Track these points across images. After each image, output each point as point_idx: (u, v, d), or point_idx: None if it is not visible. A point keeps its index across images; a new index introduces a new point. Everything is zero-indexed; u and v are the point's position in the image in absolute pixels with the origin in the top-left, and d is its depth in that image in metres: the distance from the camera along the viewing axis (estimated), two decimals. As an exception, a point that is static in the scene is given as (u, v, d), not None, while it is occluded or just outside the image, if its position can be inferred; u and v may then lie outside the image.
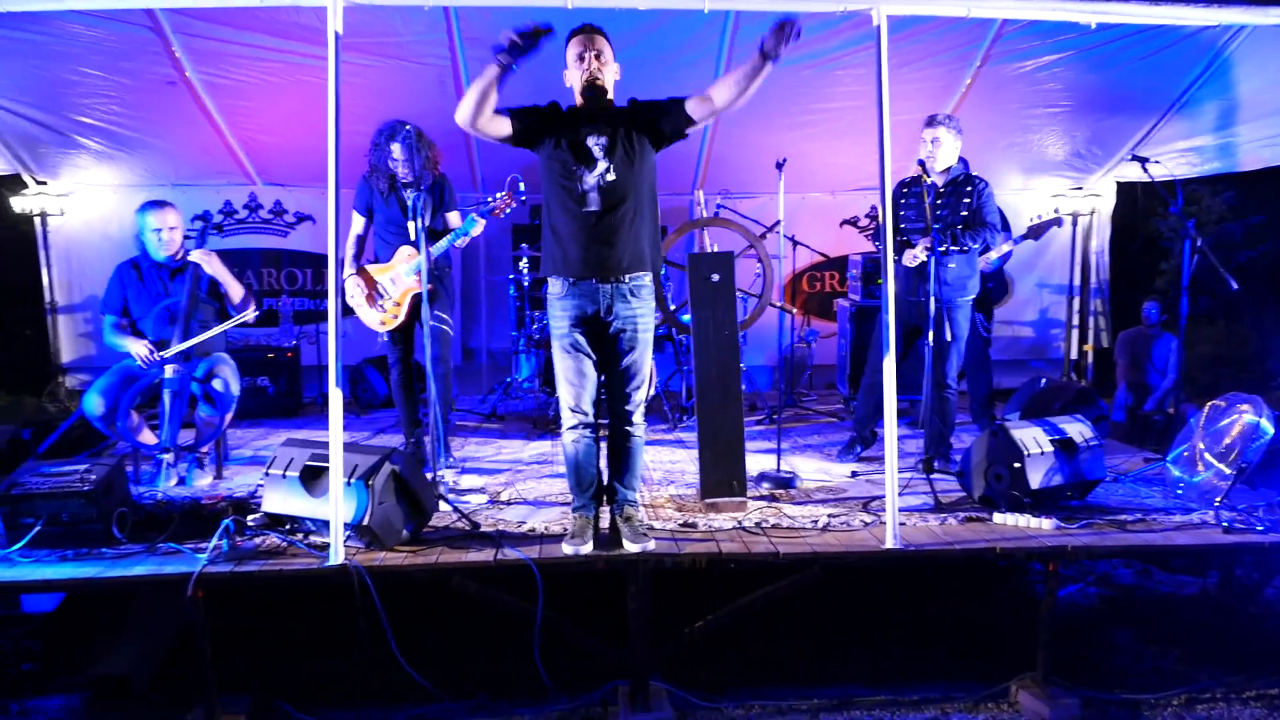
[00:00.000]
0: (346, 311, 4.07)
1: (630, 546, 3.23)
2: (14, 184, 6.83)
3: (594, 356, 3.29)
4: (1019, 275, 7.50)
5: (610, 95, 3.27)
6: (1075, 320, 7.55)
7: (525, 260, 6.17)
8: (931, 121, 4.32)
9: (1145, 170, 4.29)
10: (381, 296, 4.47)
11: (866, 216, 7.58)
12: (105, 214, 7.08)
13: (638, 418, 3.36)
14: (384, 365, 6.66)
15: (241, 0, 3.37)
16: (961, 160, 4.57)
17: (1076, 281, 7.54)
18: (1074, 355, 7.59)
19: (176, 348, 4.08)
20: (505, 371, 6.82)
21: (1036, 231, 4.96)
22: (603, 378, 3.36)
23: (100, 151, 6.56)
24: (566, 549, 3.23)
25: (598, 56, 3.19)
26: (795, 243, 6.38)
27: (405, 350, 4.62)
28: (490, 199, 4.44)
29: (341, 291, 4.18)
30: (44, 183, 6.86)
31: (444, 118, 6.53)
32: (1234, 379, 7.04)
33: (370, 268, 4.53)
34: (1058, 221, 5.04)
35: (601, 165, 3.16)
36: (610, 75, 3.24)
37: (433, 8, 5.09)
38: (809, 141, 6.73)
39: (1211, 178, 7.49)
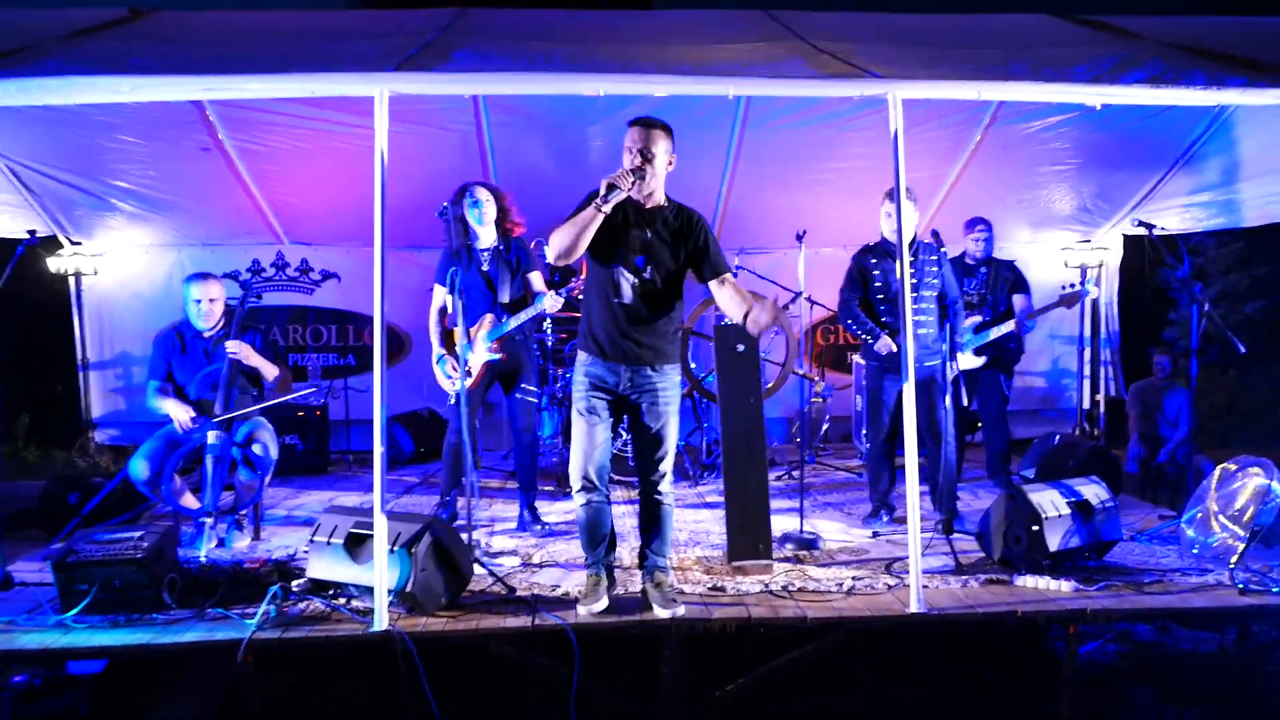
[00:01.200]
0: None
1: (661, 612, 3.34)
2: (49, 245, 7.04)
3: (609, 422, 3.45)
4: (1027, 329, 7.63)
5: (659, 187, 3.40)
6: (1087, 371, 7.66)
7: (549, 322, 6.32)
8: (892, 194, 4.49)
9: (1151, 235, 4.43)
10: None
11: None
12: (137, 272, 7.28)
13: (665, 486, 3.49)
14: (411, 422, 6.84)
15: (291, 91, 3.52)
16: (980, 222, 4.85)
17: (1087, 333, 7.66)
18: (1086, 405, 7.69)
19: (223, 417, 4.22)
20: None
21: (1069, 301, 5.17)
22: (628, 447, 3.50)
23: (133, 213, 6.75)
24: (581, 609, 3.37)
25: (642, 154, 3.30)
26: (812, 302, 6.53)
27: (468, 419, 4.64)
28: (573, 281, 4.55)
29: (384, 376, 4.05)
30: (78, 243, 7.07)
31: (468, 177, 6.80)
32: (1246, 429, 7.14)
33: (446, 334, 4.63)
34: (1085, 293, 5.23)
35: (643, 268, 3.34)
36: (661, 171, 3.36)
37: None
38: (823, 199, 6.91)
39: (1218, 231, 7.64)
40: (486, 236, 4.59)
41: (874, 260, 4.64)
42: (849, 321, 4.74)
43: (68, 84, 3.39)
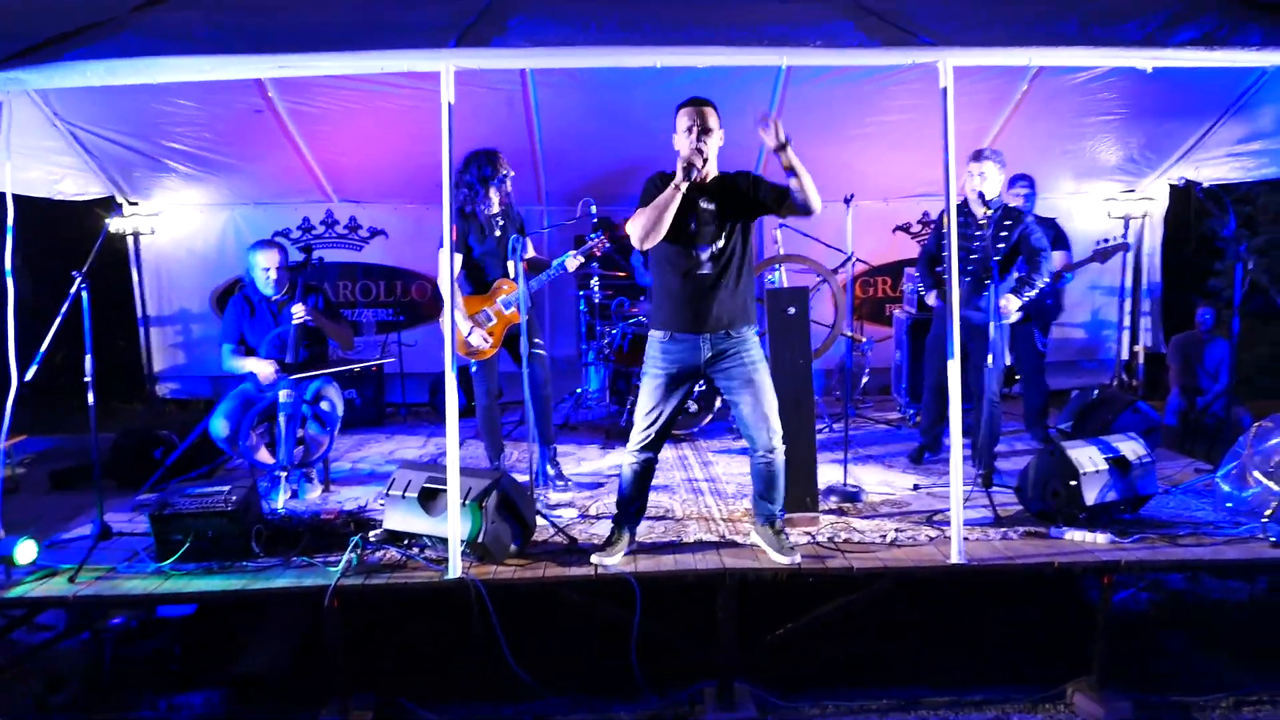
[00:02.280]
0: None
1: (778, 558, 3.55)
2: (108, 205, 7.27)
3: (682, 395, 3.61)
4: (1072, 277, 7.64)
5: (713, 163, 3.54)
6: (1127, 322, 7.68)
7: (596, 279, 6.46)
8: (979, 156, 4.57)
9: (1197, 191, 4.46)
10: (477, 327, 4.69)
11: (919, 223, 7.78)
12: (192, 231, 7.53)
13: (777, 442, 3.61)
14: (463, 376, 7.05)
15: (361, 67, 3.65)
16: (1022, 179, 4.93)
17: (1128, 283, 7.66)
18: (1125, 357, 7.73)
19: (300, 375, 4.46)
20: (569, 378, 7.16)
21: (1104, 255, 5.19)
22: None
23: (189, 174, 6.95)
24: (594, 558, 3.59)
25: (704, 130, 3.45)
26: (854, 260, 6.62)
27: (494, 381, 4.82)
28: (590, 239, 4.70)
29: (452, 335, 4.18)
30: (135, 204, 7.30)
31: (513, 136, 6.94)
32: (1287, 382, 7.16)
33: (467, 299, 4.74)
34: (1125, 247, 5.24)
35: (715, 237, 3.48)
36: (715, 146, 3.51)
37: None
38: (865, 151, 6.93)
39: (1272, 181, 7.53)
40: (495, 202, 4.67)
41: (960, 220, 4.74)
42: (919, 273, 5.13)
43: (155, 64, 3.56)
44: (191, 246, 7.55)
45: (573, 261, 4.66)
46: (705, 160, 3.42)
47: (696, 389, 4.68)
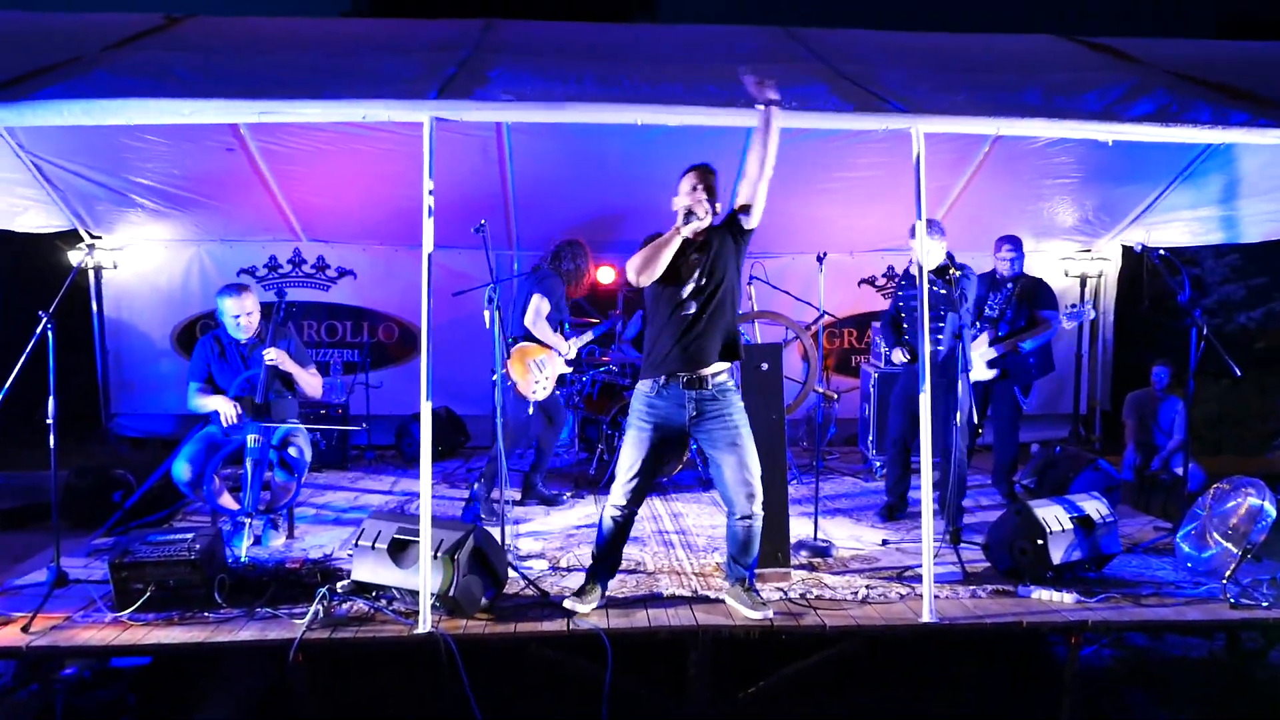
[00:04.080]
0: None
1: (752, 614, 3.56)
2: (70, 239, 7.15)
3: (665, 452, 3.62)
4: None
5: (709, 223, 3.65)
6: (1085, 378, 7.88)
7: (565, 325, 6.48)
8: (912, 231, 4.72)
9: (1153, 258, 4.61)
10: (540, 370, 5.15)
11: (884, 276, 7.93)
12: (156, 267, 7.42)
13: (756, 507, 3.62)
14: (432, 420, 6.98)
15: (344, 115, 3.66)
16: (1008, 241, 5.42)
17: (1085, 340, 7.87)
18: (1082, 411, 7.92)
19: (271, 425, 4.42)
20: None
21: (1074, 320, 5.39)
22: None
23: (155, 210, 6.86)
24: (567, 603, 3.60)
25: (709, 190, 3.61)
26: (824, 314, 6.72)
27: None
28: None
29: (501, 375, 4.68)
30: (98, 237, 7.18)
31: (485, 181, 6.96)
32: (1238, 437, 7.36)
33: (533, 346, 5.17)
34: (1082, 315, 5.46)
35: (700, 276, 3.58)
36: (715, 207, 3.65)
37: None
38: (830, 205, 7.08)
39: (1216, 245, 7.85)
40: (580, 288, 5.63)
41: (904, 284, 4.96)
42: (881, 337, 5.38)
43: (133, 105, 3.53)
44: (155, 282, 7.44)
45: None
46: (707, 213, 3.54)
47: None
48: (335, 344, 7.66)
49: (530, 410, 5.16)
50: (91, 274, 7.30)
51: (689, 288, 3.57)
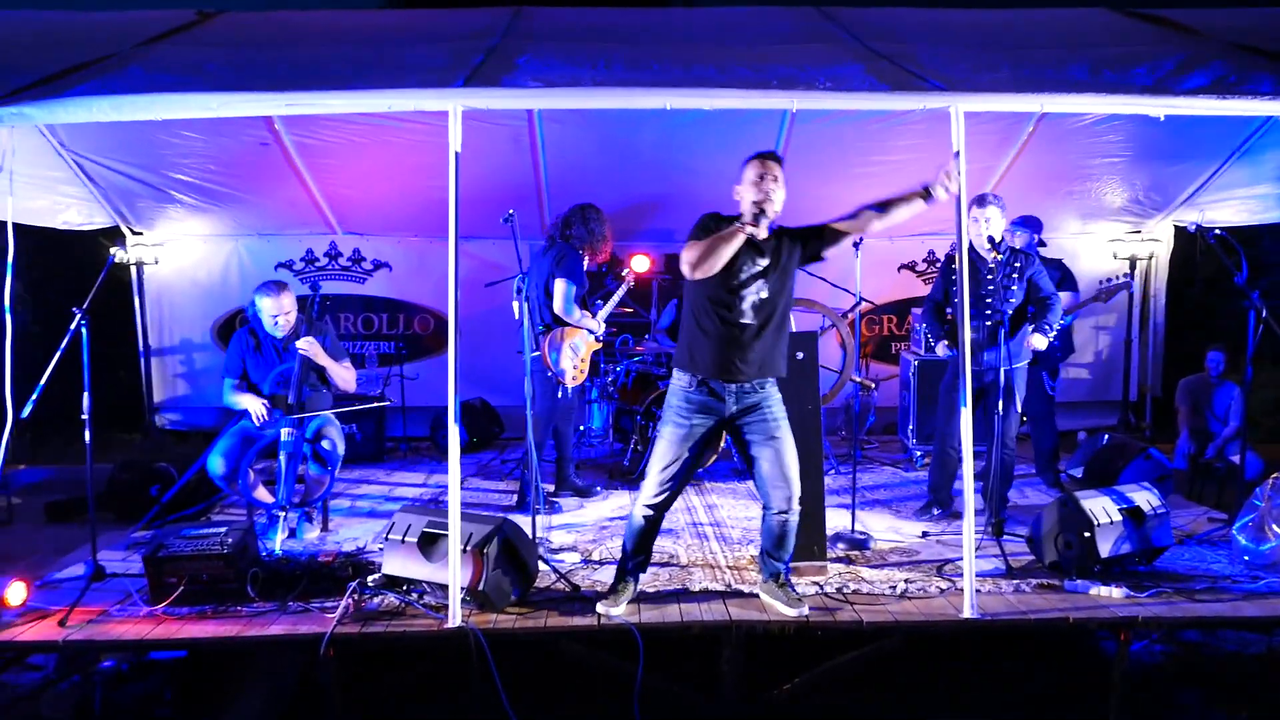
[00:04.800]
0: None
1: (788, 611, 3.47)
2: (112, 234, 7.26)
3: (701, 446, 3.52)
4: (1076, 319, 7.60)
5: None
6: (1134, 362, 7.64)
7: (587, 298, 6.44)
8: (981, 201, 4.52)
9: (1209, 238, 4.42)
10: (575, 353, 5.07)
11: (924, 261, 7.75)
12: (195, 261, 7.50)
13: (794, 503, 3.52)
14: (465, 412, 6.99)
15: (370, 106, 3.63)
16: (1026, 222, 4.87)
17: (1135, 324, 7.63)
18: (1132, 397, 7.68)
19: (306, 417, 4.42)
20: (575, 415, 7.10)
21: (1105, 295, 5.12)
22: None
23: (193, 205, 6.94)
24: (600, 607, 3.50)
25: (775, 180, 3.42)
26: (862, 300, 6.58)
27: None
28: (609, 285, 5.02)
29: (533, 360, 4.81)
30: (140, 233, 7.28)
31: (518, 171, 6.92)
32: (1296, 424, 7.08)
33: (566, 331, 5.06)
34: (1127, 285, 5.19)
35: (758, 285, 3.42)
36: (779, 201, 3.45)
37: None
38: (869, 190, 6.75)
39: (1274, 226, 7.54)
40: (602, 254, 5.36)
41: (955, 268, 4.66)
42: (924, 324, 5.01)
43: (161, 101, 3.53)
44: (195, 277, 7.52)
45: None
46: (777, 211, 3.38)
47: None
48: (371, 336, 7.69)
49: (560, 395, 5.06)
50: (133, 269, 7.40)
51: (749, 299, 3.41)
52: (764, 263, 3.43)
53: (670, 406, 3.54)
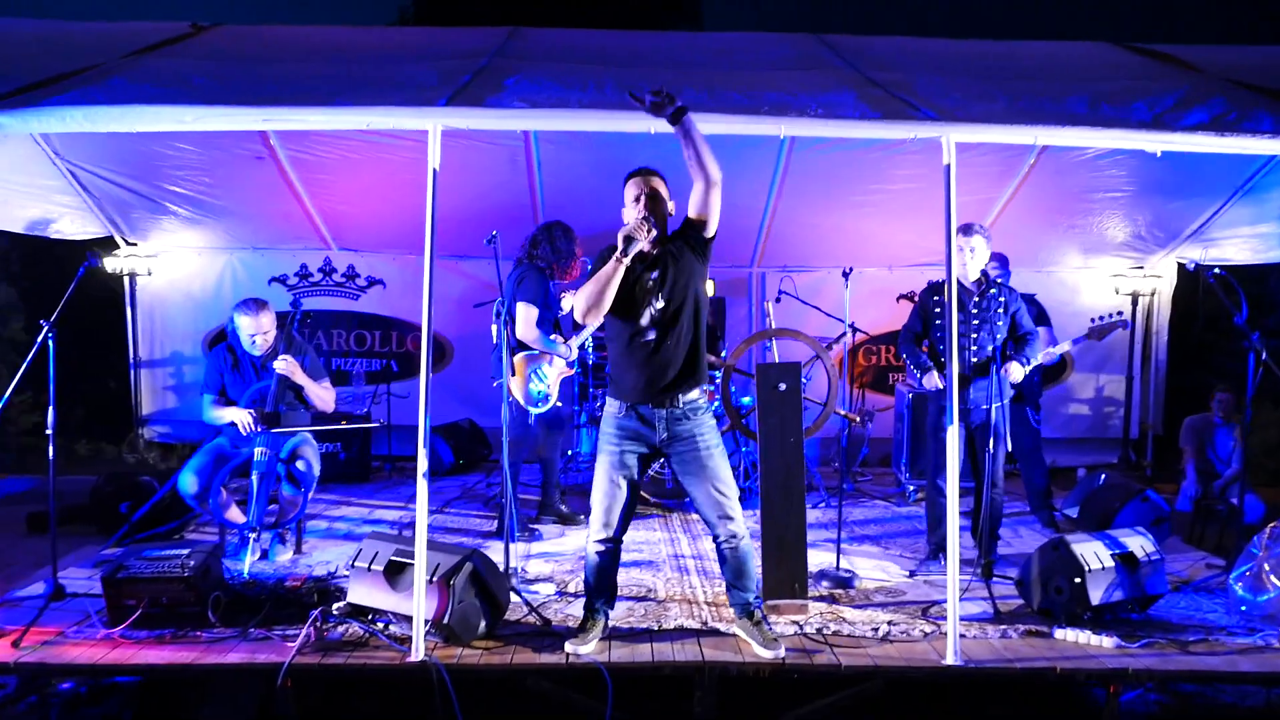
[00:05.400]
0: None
1: (763, 653, 3.33)
2: (106, 245, 7.22)
3: (636, 473, 3.43)
4: (1076, 355, 7.50)
5: (663, 231, 3.40)
6: (1136, 399, 7.52)
7: (590, 339, 6.35)
8: (968, 230, 4.40)
9: (1208, 278, 4.32)
10: (541, 379, 4.91)
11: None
12: (189, 274, 7.46)
13: (737, 528, 3.42)
14: (451, 434, 6.91)
15: (347, 123, 3.58)
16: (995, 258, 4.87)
17: (1137, 361, 7.51)
18: (1133, 435, 7.55)
19: (281, 436, 4.33)
20: (564, 439, 7.01)
21: (1100, 333, 4.99)
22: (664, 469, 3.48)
23: (188, 217, 6.91)
24: (568, 646, 3.37)
25: (652, 198, 3.35)
26: (854, 329, 6.47)
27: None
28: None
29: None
30: (134, 244, 7.25)
31: (514, 192, 6.87)
32: (1299, 467, 6.93)
33: (525, 355, 4.90)
34: (1124, 324, 5.06)
35: (656, 301, 3.33)
36: (662, 217, 3.38)
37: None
38: (867, 219, 6.86)
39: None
40: (570, 274, 5.14)
41: (937, 299, 4.55)
42: (904, 355, 4.73)
43: (132, 112, 3.48)
44: (188, 289, 7.48)
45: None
46: (651, 231, 3.25)
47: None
48: (364, 353, 7.63)
49: (530, 421, 4.94)
50: (126, 280, 7.36)
51: (646, 316, 3.33)
52: (653, 275, 3.34)
53: (602, 434, 3.47)
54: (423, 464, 3.39)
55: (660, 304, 3.33)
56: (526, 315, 4.79)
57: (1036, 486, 5.38)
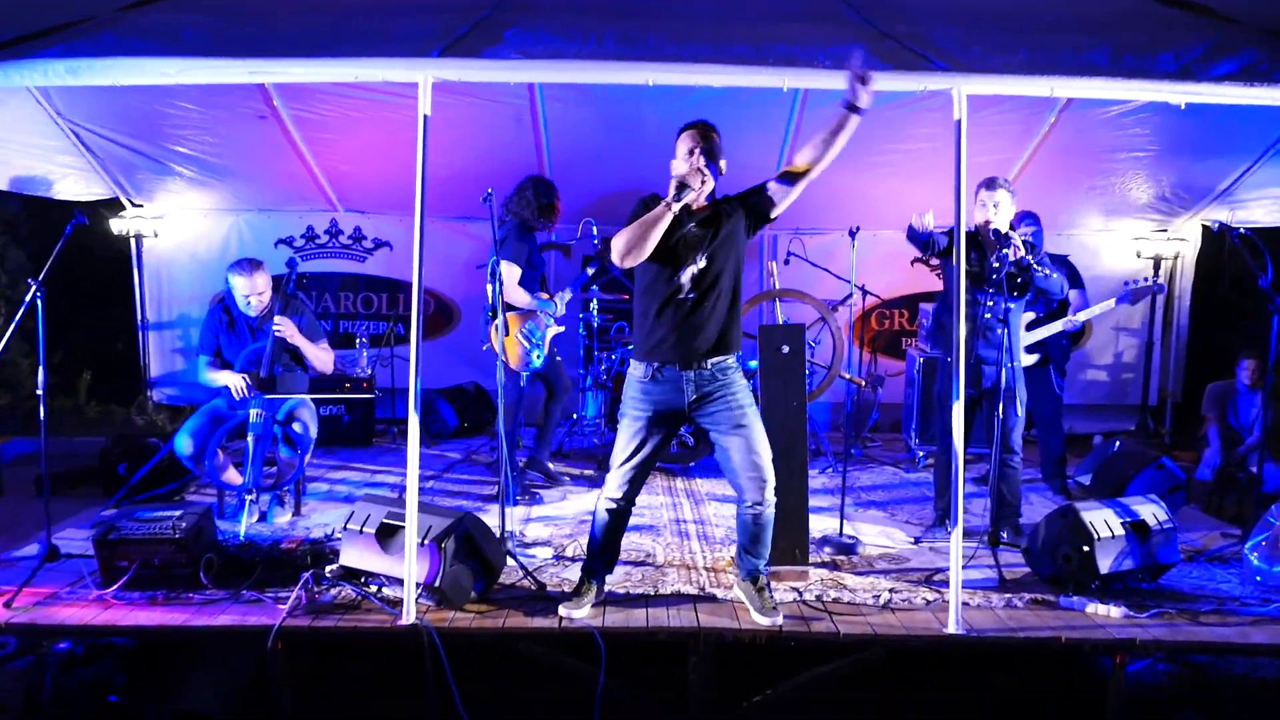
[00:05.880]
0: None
1: (759, 619, 3.28)
2: (112, 206, 7.17)
3: (662, 438, 3.36)
4: (1096, 320, 7.32)
5: (712, 188, 3.32)
6: (1155, 365, 7.35)
7: (595, 302, 6.25)
8: (991, 184, 4.26)
9: (1233, 238, 4.16)
10: (529, 339, 4.87)
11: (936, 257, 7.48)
12: (195, 235, 7.40)
13: (768, 494, 3.34)
14: (456, 396, 6.86)
15: (335, 75, 3.48)
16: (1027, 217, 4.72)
17: (1158, 326, 7.34)
18: (1152, 402, 7.39)
19: (276, 399, 4.30)
20: (570, 402, 6.96)
21: (1135, 297, 4.86)
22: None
23: (193, 178, 6.84)
24: (562, 609, 3.32)
25: (708, 152, 3.25)
26: (865, 292, 6.33)
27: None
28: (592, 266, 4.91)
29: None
30: (140, 205, 7.19)
31: (521, 151, 6.74)
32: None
33: (513, 315, 4.85)
34: (1159, 288, 4.91)
35: (698, 258, 3.25)
36: (717, 171, 3.29)
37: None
38: (882, 180, 6.67)
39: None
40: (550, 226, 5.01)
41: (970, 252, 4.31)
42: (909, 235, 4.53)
43: (116, 65, 3.39)
44: (194, 251, 7.42)
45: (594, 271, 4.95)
46: (707, 181, 3.20)
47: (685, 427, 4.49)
48: (371, 316, 7.56)
49: (522, 384, 4.88)
50: (133, 242, 7.31)
51: (688, 272, 3.24)
52: (700, 233, 3.26)
53: (627, 398, 3.39)
54: (414, 427, 3.34)
55: (703, 263, 3.25)
56: (509, 275, 4.76)
57: (1052, 453, 5.26)
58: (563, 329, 5.21)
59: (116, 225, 7.16)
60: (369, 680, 3.64)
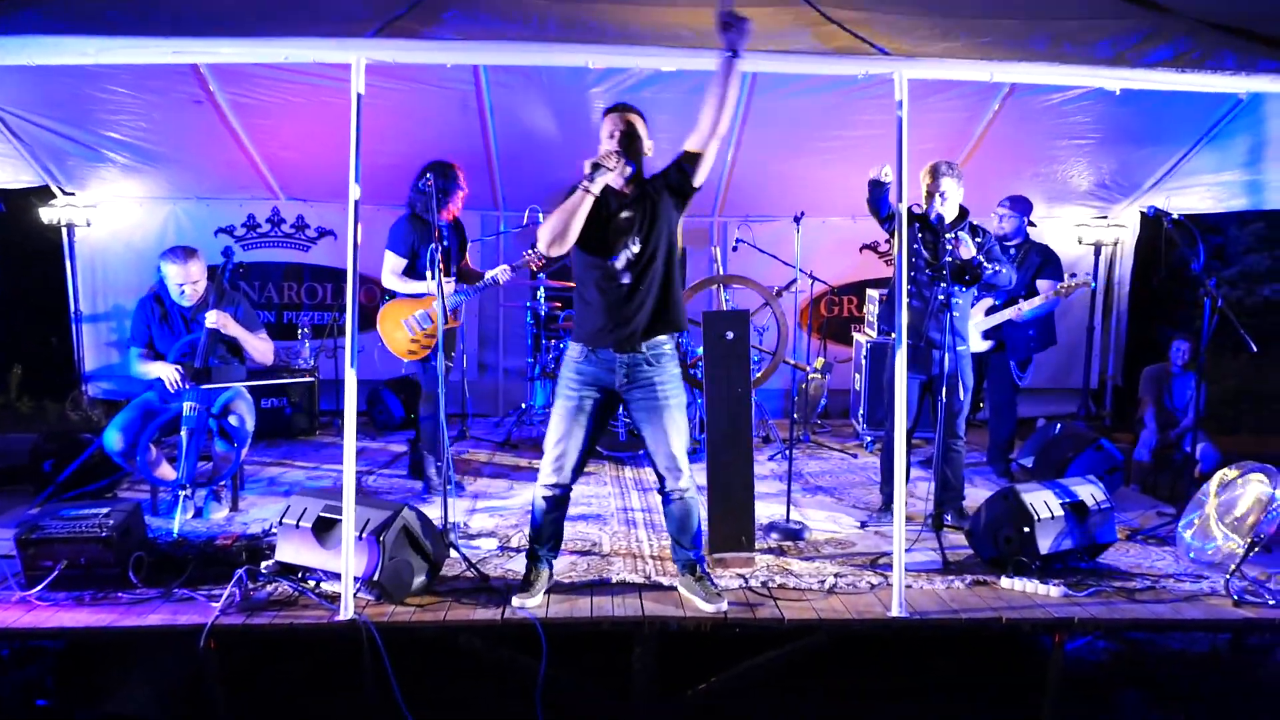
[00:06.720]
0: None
1: (705, 607, 3.27)
2: (43, 195, 6.92)
3: (593, 419, 3.33)
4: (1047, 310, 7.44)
5: (640, 170, 3.30)
6: (1096, 349, 7.49)
7: (543, 290, 6.18)
8: (936, 172, 4.23)
9: (1167, 224, 4.23)
10: (419, 327, 4.67)
11: (886, 242, 7.54)
12: (131, 225, 7.16)
13: (685, 481, 3.35)
14: (401, 387, 6.74)
15: (264, 55, 3.37)
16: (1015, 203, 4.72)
17: (1098, 312, 7.47)
18: (1093, 385, 7.54)
19: (210, 386, 4.17)
20: (519, 391, 6.89)
21: (1066, 292, 4.96)
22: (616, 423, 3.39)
23: (127, 165, 6.62)
24: (515, 600, 3.28)
25: (627, 134, 3.22)
26: (813, 278, 6.35)
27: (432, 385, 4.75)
28: (525, 254, 4.56)
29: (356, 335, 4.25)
30: (71, 194, 6.94)
31: (466, 137, 6.62)
32: (1256, 416, 6.95)
33: (404, 301, 4.69)
34: (1087, 283, 5.02)
35: (631, 242, 3.22)
36: (638, 154, 3.27)
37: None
38: (830, 166, 6.70)
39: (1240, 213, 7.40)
40: (445, 213, 4.68)
41: (915, 228, 4.30)
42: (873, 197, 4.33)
43: (31, 44, 3.26)
44: (130, 240, 7.18)
45: (504, 275, 4.61)
46: (622, 163, 3.17)
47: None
48: (316, 306, 7.40)
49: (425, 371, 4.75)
50: (64, 231, 7.05)
51: (623, 257, 3.22)
52: (628, 215, 3.24)
53: (561, 379, 3.37)
54: (350, 417, 3.27)
55: (636, 247, 3.22)
56: (386, 263, 4.70)
57: (1000, 437, 5.34)
58: (458, 324, 5.09)
59: (46, 214, 6.90)
60: (307, 678, 3.56)
